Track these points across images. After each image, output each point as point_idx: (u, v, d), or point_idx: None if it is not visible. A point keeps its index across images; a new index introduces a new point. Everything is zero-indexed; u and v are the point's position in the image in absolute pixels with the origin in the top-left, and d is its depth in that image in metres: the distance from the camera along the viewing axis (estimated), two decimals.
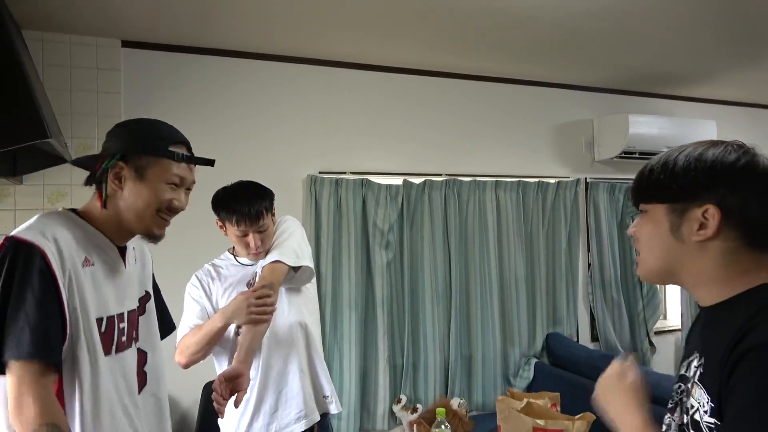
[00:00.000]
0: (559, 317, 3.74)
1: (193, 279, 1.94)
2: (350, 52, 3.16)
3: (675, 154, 0.94)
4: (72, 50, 2.70)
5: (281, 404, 1.85)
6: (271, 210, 1.87)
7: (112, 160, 1.22)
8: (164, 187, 1.26)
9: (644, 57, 3.36)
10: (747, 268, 0.89)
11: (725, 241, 0.89)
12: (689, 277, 0.94)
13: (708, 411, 0.85)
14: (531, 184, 3.67)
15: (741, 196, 0.87)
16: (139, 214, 1.25)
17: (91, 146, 2.72)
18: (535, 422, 1.57)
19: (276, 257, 1.77)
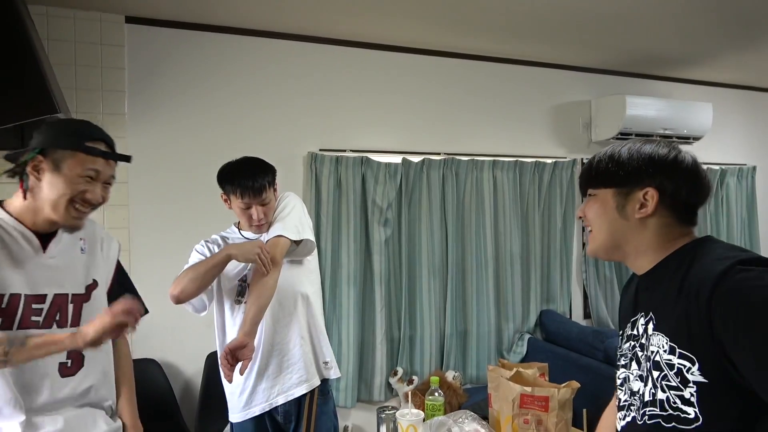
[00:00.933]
0: (553, 294, 3.83)
1: (201, 242, 2.03)
2: (351, 31, 3.18)
3: (618, 148, 1.14)
4: (76, 25, 2.72)
5: (283, 369, 1.95)
6: (273, 185, 1.95)
7: (32, 154, 1.32)
8: (79, 179, 1.33)
9: (642, 39, 3.39)
10: (675, 237, 1.09)
11: (660, 217, 1.09)
12: (631, 249, 1.12)
13: (667, 350, 1.00)
14: (528, 163, 3.72)
15: (674, 182, 1.07)
16: (54, 204, 1.33)
17: (96, 121, 2.72)
18: (523, 389, 1.65)
19: (278, 232, 1.86)
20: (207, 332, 2.96)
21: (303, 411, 1.97)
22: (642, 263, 1.12)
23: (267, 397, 1.95)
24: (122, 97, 2.83)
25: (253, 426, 1.98)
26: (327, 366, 2.03)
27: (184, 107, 2.97)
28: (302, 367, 1.96)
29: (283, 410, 1.97)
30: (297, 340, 1.96)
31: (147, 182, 2.89)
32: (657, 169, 1.08)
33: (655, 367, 1.02)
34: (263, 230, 1.94)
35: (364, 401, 3.32)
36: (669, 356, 0.99)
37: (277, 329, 1.96)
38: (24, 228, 1.34)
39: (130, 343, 2.88)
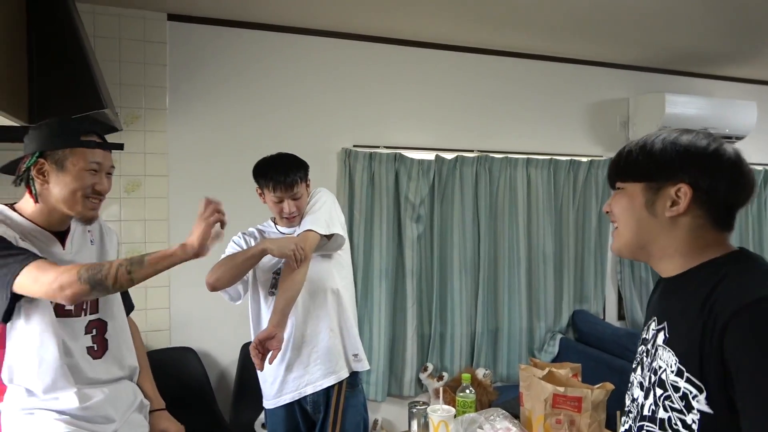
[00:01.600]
0: (587, 294, 3.78)
1: (238, 234, 2.10)
2: (386, 27, 3.19)
3: (652, 138, 1.03)
4: (121, 23, 2.81)
5: (312, 361, 2.00)
6: (305, 180, 2.00)
7: (33, 159, 1.36)
8: (85, 173, 1.39)
9: (682, 35, 3.31)
10: (708, 244, 0.99)
11: (693, 218, 0.99)
12: (657, 250, 1.03)
13: (674, 371, 0.95)
14: (563, 162, 3.68)
15: (711, 178, 0.97)
16: (68, 201, 1.39)
17: (138, 116, 2.85)
18: (556, 389, 1.65)
19: (308, 226, 1.92)
20: (242, 322, 3.03)
21: (331, 402, 2.01)
22: (667, 267, 1.04)
23: (296, 386, 2.01)
24: (163, 92, 2.90)
25: (284, 413, 2.04)
26: (356, 358, 2.07)
27: (221, 102, 3.03)
28: (331, 359, 2.00)
29: (312, 400, 2.02)
30: (326, 333, 2.00)
31: (186, 175, 2.96)
32: (692, 163, 0.97)
33: (660, 385, 0.98)
34: (295, 223, 2.00)
35: (395, 396, 3.35)
36: (676, 378, 0.94)
37: (308, 321, 2.00)
38: (40, 229, 1.41)
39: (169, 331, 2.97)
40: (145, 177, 2.88)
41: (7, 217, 1.37)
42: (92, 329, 1.47)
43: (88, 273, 1.26)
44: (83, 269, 1.27)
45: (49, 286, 1.24)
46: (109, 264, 1.30)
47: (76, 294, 1.26)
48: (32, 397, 1.33)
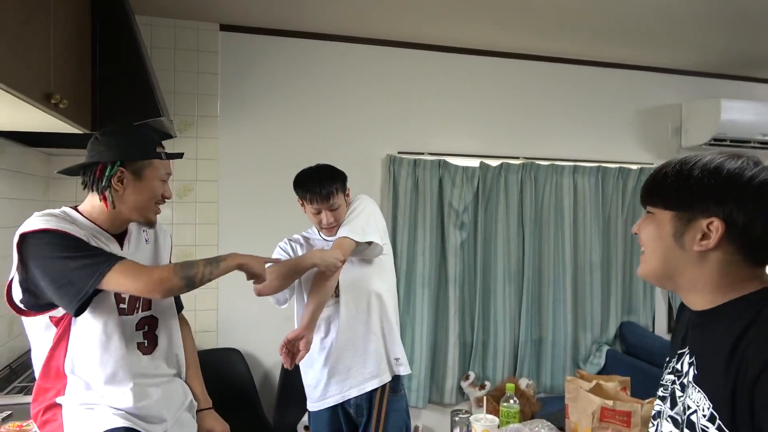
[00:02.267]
0: (635, 306, 3.68)
1: (285, 240, 2.17)
2: (431, 35, 3.21)
3: (692, 161, 0.95)
4: (176, 33, 2.92)
5: (355, 364, 2.04)
6: (342, 191, 2.03)
7: (114, 169, 1.42)
8: (159, 183, 1.50)
9: (739, 38, 3.19)
10: (741, 279, 0.93)
11: (724, 253, 0.92)
12: (685, 282, 0.97)
13: (707, 416, 0.90)
14: (611, 169, 3.60)
15: (748, 215, 0.89)
16: (142, 208, 1.48)
17: (191, 123, 2.95)
18: (604, 402, 1.61)
19: (344, 233, 1.95)
20: (287, 325, 3.08)
21: (374, 405, 2.04)
22: (696, 301, 0.97)
23: (340, 389, 2.05)
24: (215, 100, 3.00)
25: (328, 416, 2.08)
26: (398, 362, 2.09)
27: (270, 110, 3.11)
28: (373, 363, 2.04)
29: (355, 403, 2.05)
30: (369, 337, 2.04)
31: (235, 181, 3.05)
32: (729, 197, 0.89)
33: (689, 426, 0.94)
34: (334, 233, 2.03)
35: (435, 403, 3.34)
36: (707, 423, 0.89)
37: (351, 325, 2.04)
38: (103, 231, 1.47)
39: (217, 333, 3.05)
40: (197, 182, 2.98)
41: (75, 219, 1.43)
42: (144, 326, 1.53)
43: (183, 270, 1.37)
44: (179, 266, 1.37)
45: (148, 280, 1.32)
46: (197, 263, 1.40)
47: (173, 288, 1.36)
48: (90, 390, 1.39)
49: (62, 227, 1.33)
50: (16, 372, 2.11)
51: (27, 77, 1.44)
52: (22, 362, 2.20)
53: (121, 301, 1.46)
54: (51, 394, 1.39)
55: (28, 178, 2.49)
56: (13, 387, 1.97)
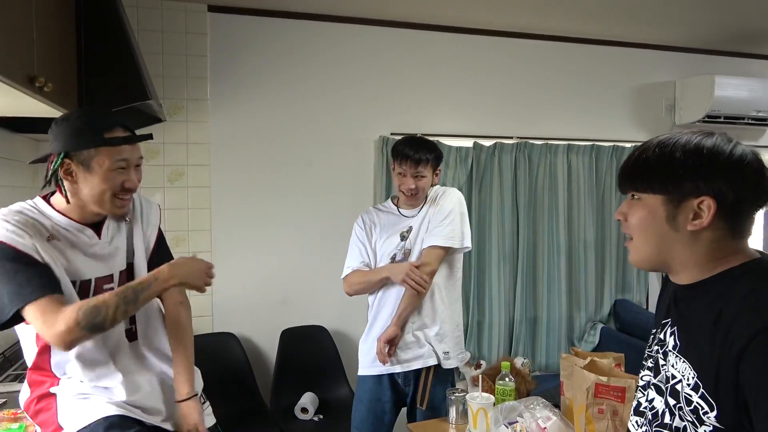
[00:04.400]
0: (629, 283, 3.70)
1: (360, 219, 2.23)
2: (423, 14, 3.16)
3: (671, 143, 0.95)
4: (163, 15, 2.87)
5: (405, 343, 2.11)
6: (433, 164, 2.10)
7: (58, 160, 1.33)
8: (112, 173, 1.34)
9: (734, 13, 3.16)
10: (727, 253, 0.95)
11: (715, 230, 0.93)
12: (677, 264, 0.98)
13: (691, 384, 0.93)
14: (605, 148, 3.59)
15: (737, 190, 0.91)
16: (98, 201, 1.36)
17: (181, 106, 2.91)
18: (598, 378, 1.62)
19: (439, 242, 2.05)
20: (282, 309, 3.10)
21: (420, 380, 2.12)
22: (683, 277, 1.00)
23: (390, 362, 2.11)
24: (205, 83, 2.96)
25: (372, 382, 2.15)
26: (446, 356, 2.13)
27: (261, 92, 3.07)
28: (422, 348, 2.10)
29: (403, 374, 2.13)
30: (422, 322, 2.10)
31: (228, 164, 3.02)
32: (716, 175, 0.91)
33: (672, 394, 0.96)
34: (411, 201, 2.12)
35: None
36: (690, 392, 0.92)
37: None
38: (75, 223, 1.39)
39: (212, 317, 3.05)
40: (188, 167, 2.95)
41: (40, 212, 1.36)
42: None
43: (87, 318, 1.24)
44: (83, 314, 1.24)
45: (54, 332, 1.24)
46: (108, 304, 1.28)
47: (77, 339, 1.26)
48: (83, 383, 1.38)
49: (9, 239, 1.25)
50: (10, 360, 2.10)
51: (9, 60, 1.41)
52: (16, 350, 2.19)
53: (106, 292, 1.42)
54: (45, 386, 1.37)
55: (15, 165, 2.45)
56: (7, 375, 1.96)
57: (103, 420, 1.30)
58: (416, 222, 2.11)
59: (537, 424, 1.65)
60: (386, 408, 2.15)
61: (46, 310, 1.24)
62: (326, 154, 3.16)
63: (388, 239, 2.13)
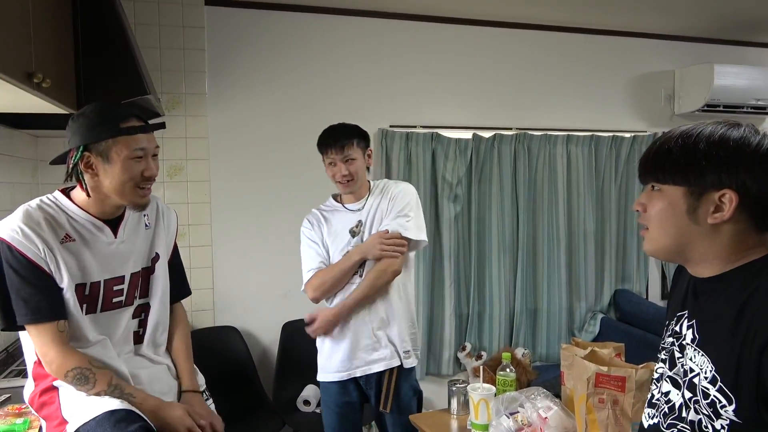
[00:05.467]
0: (629, 273, 3.71)
1: (306, 222, 2.13)
2: (421, 5, 3.15)
3: (695, 134, 0.93)
4: (160, 9, 2.85)
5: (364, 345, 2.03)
6: (360, 145, 2.03)
7: (78, 154, 1.35)
8: (131, 162, 1.37)
9: (735, 1, 3.15)
10: (749, 246, 0.93)
11: (736, 223, 0.91)
12: (696, 255, 0.96)
13: (708, 378, 0.91)
14: (604, 138, 3.59)
15: (760, 183, 0.89)
16: (120, 191, 1.38)
17: (179, 101, 2.91)
18: (599, 368, 1.63)
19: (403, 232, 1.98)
20: (284, 302, 3.11)
21: (383, 382, 2.04)
22: (703, 270, 0.97)
23: (347, 367, 2.04)
24: (203, 77, 2.95)
25: (336, 387, 2.08)
26: (407, 355, 2.06)
27: (259, 85, 3.06)
28: (383, 348, 2.02)
29: (365, 378, 2.05)
30: (381, 321, 2.03)
31: (227, 158, 3.02)
32: (740, 166, 0.88)
33: (690, 387, 0.95)
34: (349, 188, 2.04)
35: (433, 374, 3.37)
36: (708, 385, 0.91)
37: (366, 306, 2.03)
38: (93, 218, 1.40)
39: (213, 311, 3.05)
40: (187, 161, 2.95)
41: (59, 208, 1.38)
42: (140, 313, 1.50)
43: (74, 381, 1.32)
44: (71, 374, 1.31)
45: (42, 359, 1.33)
46: (94, 382, 1.33)
47: (58, 377, 1.34)
48: None
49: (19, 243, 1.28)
50: (13, 356, 2.11)
51: (6, 56, 1.40)
52: (18, 346, 2.20)
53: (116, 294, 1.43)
54: (49, 379, 1.38)
55: (15, 161, 2.45)
56: (11, 371, 1.97)
57: (109, 413, 1.30)
58: (364, 215, 2.04)
59: (538, 414, 1.66)
60: (356, 409, 2.12)
61: (44, 341, 1.32)
62: None
63: (338, 237, 2.05)
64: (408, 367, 2.07)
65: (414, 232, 2.00)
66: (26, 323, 1.31)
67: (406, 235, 1.98)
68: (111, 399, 1.34)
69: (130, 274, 1.47)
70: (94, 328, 1.39)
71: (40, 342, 1.32)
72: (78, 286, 1.36)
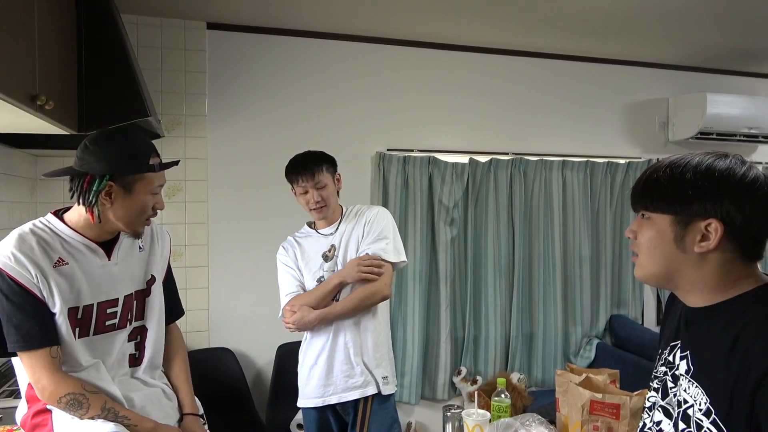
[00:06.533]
0: (624, 299, 3.71)
1: (281, 249, 2.16)
2: (418, 31, 3.20)
3: (682, 164, 0.95)
4: (163, 32, 2.90)
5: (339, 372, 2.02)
6: (330, 171, 2.06)
7: (103, 183, 1.35)
8: (149, 197, 1.42)
9: (726, 32, 3.21)
10: (738, 277, 0.94)
11: (723, 252, 0.93)
12: (686, 283, 0.98)
13: (703, 410, 0.92)
14: (599, 164, 3.62)
15: (744, 213, 0.90)
16: (129, 221, 1.42)
17: (179, 122, 2.94)
18: (593, 395, 1.63)
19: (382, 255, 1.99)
20: (279, 325, 3.05)
21: (359, 408, 2.03)
22: (694, 299, 0.99)
23: (321, 393, 2.04)
24: (203, 99, 2.98)
25: (315, 413, 2.08)
26: (385, 381, 2.05)
27: (259, 108, 3.10)
28: (358, 375, 2.01)
29: (341, 405, 2.04)
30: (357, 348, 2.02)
31: (224, 180, 3.03)
32: (725, 197, 0.90)
33: (684, 419, 0.95)
34: (323, 213, 2.05)
35: (428, 399, 3.35)
36: (702, 417, 0.91)
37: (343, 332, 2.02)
38: (88, 241, 1.40)
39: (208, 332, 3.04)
40: (185, 182, 2.97)
41: (53, 231, 1.38)
42: (136, 336, 1.50)
43: (67, 406, 1.31)
44: (65, 400, 1.31)
45: (35, 385, 1.33)
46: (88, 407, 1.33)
47: (50, 404, 1.34)
48: None
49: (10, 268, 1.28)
50: (6, 376, 2.09)
51: (11, 79, 1.43)
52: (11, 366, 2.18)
53: (109, 317, 1.42)
54: (43, 402, 1.37)
55: (14, 180, 2.46)
56: (2, 391, 1.95)
57: None
58: (337, 239, 2.05)
59: None
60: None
61: (37, 368, 1.31)
62: None
63: (311, 261, 2.06)
64: (386, 394, 2.05)
65: (393, 255, 2.02)
66: (18, 350, 1.31)
67: (385, 258, 2.00)
68: (105, 422, 1.33)
69: (124, 296, 1.47)
70: (87, 352, 1.39)
71: (32, 369, 1.32)
72: (71, 310, 1.36)
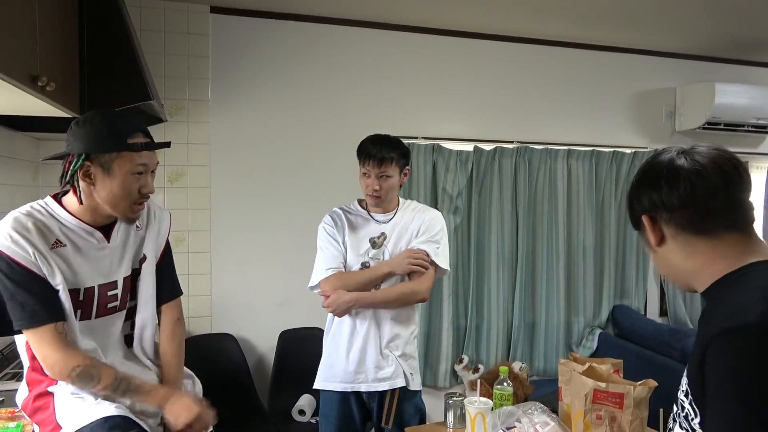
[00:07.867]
0: (627, 289, 3.70)
1: (328, 218, 2.07)
2: (423, 17, 3.17)
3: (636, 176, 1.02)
4: (166, 16, 2.87)
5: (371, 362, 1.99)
6: (399, 163, 1.98)
7: (79, 162, 1.32)
8: (131, 177, 1.36)
9: (734, 21, 3.17)
10: (710, 257, 0.92)
11: (673, 237, 0.94)
12: (684, 278, 0.99)
13: (684, 391, 0.94)
14: (605, 153, 3.59)
15: (659, 194, 0.93)
16: (114, 204, 1.37)
17: (182, 107, 2.92)
18: (597, 384, 1.62)
19: (434, 258, 1.99)
20: (280, 311, 3.10)
21: (385, 398, 2.01)
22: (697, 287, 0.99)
23: (352, 379, 2.00)
24: (206, 83, 2.96)
25: (338, 398, 2.03)
26: (412, 377, 2.04)
27: (262, 93, 3.07)
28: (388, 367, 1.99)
29: (368, 394, 2.02)
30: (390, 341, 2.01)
31: (227, 164, 3.02)
32: (645, 191, 0.95)
33: (677, 403, 0.98)
34: (378, 202, 2.00)
35: (429, 386, 3.35)
36: (684, 398, 0.94)
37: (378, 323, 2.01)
38: (85, 225, 1.39)
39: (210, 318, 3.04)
40: (188, 167, 2.95)
41: (50, 214, 1.36)
42: (132, 315, 1.49)
43: (80, 378, 1.30)
44: (75, 373, 1.30)
45: (43, 363, 1.32)
46: (99, 378, 1.32)
47: (61, 379, 1.33)
48: None
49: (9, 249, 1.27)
50: (8, 358, 2.09)
51: (12, 59, 1.41)
52: (13, 349, 2.19)
53: (110, 299, 1.42)
54: (44, 384, 1.37)
55: (16, 163, 2.45)
56: (5, 374, 1.96)
57: (103, 420, 1.29)
58: (389, 228, 2.00)
59: (535, 430, 1.65)
60: (357, 427, 2.05)
61: (43, 344, 1.30)
62: (326, 156, 3.16)
63: (358, 243, 2.00)
64: (413, 389, 2.04)
65: (442, 260, 2.01)
66: (23, 328, 1.30)
67: (434, 259, 1.98)
68: (107, 405, 1.33)
69: (123, 278, 1.46)
70: (87, 336, 1.38)
71: (38, 346, 1.31)
72: (71, 291, 1.35)
